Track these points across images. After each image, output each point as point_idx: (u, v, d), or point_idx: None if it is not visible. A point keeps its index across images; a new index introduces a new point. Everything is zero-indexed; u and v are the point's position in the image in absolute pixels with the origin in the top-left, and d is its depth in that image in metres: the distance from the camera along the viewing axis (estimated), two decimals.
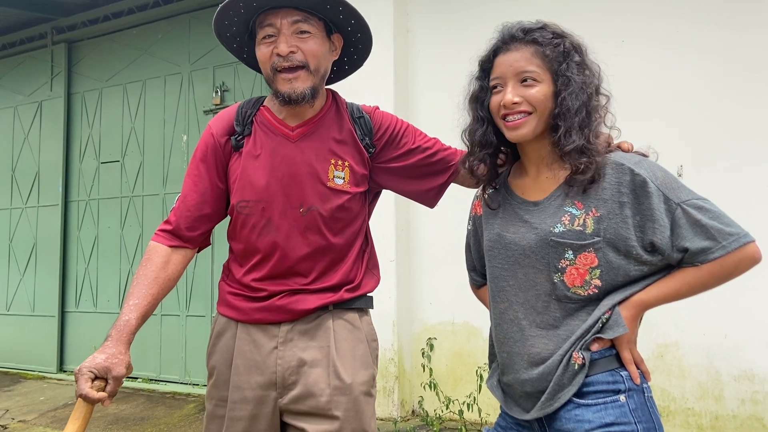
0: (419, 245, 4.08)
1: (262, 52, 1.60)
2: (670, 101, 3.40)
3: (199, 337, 4.99)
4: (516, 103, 1.36)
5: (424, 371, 3.92)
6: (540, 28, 1.39)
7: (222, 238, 1.96)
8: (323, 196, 1.63)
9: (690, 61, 3.38)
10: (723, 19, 3.32)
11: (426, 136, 1.77)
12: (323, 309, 1.65)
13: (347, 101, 1.77)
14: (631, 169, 1.30)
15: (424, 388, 3.87)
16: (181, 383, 5.02)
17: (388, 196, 1.97)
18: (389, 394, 3.89)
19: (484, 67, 1.47)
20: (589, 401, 1.29)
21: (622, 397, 1.29)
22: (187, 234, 1.66)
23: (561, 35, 1.39)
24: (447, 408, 3.80)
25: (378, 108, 1.78)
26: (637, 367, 1.32)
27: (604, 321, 1.30)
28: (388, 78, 4.02)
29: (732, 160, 3.25)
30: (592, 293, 1.32)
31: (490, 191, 1.52)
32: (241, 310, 1.66)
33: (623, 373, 1.31)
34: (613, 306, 1.31)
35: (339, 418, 1.57)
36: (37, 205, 6.00)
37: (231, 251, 1.74)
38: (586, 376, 1.30)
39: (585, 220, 1.32)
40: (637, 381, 1.31)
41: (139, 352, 4.90)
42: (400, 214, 4.00)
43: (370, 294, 1.75)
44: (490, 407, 3.67)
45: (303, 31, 1.57)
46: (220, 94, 5.07)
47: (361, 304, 1.71)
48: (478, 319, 3.72)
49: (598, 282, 1.31)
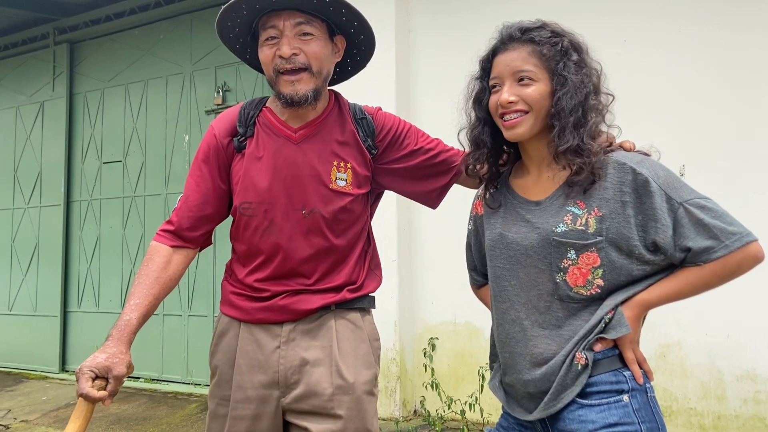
0: (421, 245, 4.08)
1: (264, 54, 1.60)
2: (672, 101, 3.40)
3: (200, 336, 5.00)
4: (512, 102, 1.36)
5: (426, 371, 3.92)
6: (538, 27, 1.38)
7: (223, 237, 1.96)
8: (325, 198, 1.63)
9: (691, 60, 3.38)
10: (724, 18, 3.32)
11: (428, 137, 1.77)
12: (325, 309, 1.65)
13: (350, 102, 1.76)
14: (633, 169, 1.29)
15: (426, 388, 3.87)
16: (183, 383, 5.03)
17: (390, 196, 1.97)
18: (391, 394, 3.89)
19: (484, 66, 1.47)
20: (593, 401, 1.29)
21: (626, 397, 1.28)
22: (189, 234, 1.67)
23: (560, 34, 1.38)
24: (449, 408, 3.80)
25: (380, 109, 1.77)
26: (640, 367, 1.32)
27: (607, 321, 1.30)
28: (389, 78, 4.02)
29: (734, 160, 3.25)
30: (594, 293, 1.32)
31: (491, 191, 1.52)
32: (243, 309, 1.67)
33: (626, 373, 1.31)
34: (616, 306, 1.31)
35: (342, 417, 1.57)
36: (39, 205, 6.01)
37: (234, 252, 1.74)
38: (589, 377, 1.29)
39: (587, 219, 1.31)
40: (641, 381, 1.30)
41: (141, 352, 4.90)
42: (402, 214, 4.00)
43: (372, 294, 1.75)
44: (492, 407, 3.67)
45: (306, 33, 1.57)
46: (221, 94, 5.08)
47: (363, 304, 1.72)
48: (480, 318, 3.71)
49: (600, 282, 1.31)
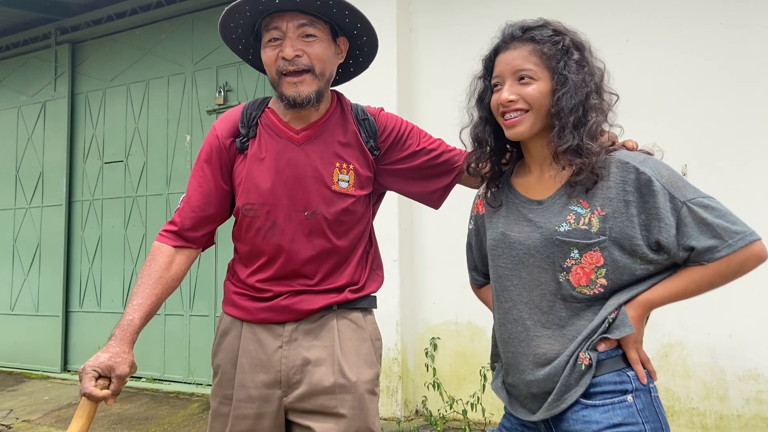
0: (422, 245, 4.08)
1: (267, 55, 1.60)
2: (674, 100, 3.40)
3: (202, 336, 5.00)
4: (512, 101, 1.36)
5: (428, 371, 3.92)
6: (540, 26, 1.38)
7: (226, 237, 1.96)
8: (328, 200, 1.63)
9: (694, 60, 3.37)
10: (728, 18, 3.31)
11: (431, 138, 1.77)
12: (327, 309, 1.66)
13: (352, 103, 1.76)
14: (636, 168, 1.29)
15: (428, 387, 3.87)
16: (185, 383, 5.03)
17: (392, 197, 1.97)
18: (393, 394, 3.88)
19: (486, 65, 1.47)
20: (597, 402, 1.28)
21: (630, 397, 1.28)
22: (191, 234, 1.67)
23: (561, 32, 1.37)
24: (450, 408, 3.80)
25: (383, 109, 1.77)
26: (644, 367, 1.32)
27: (611, 321, 1.30)
28: (391, 77, 4.01)
29: (737, 159, 3.24)
30: (597, 292, 1.31)
31: (493, 190, 1.51)
32: (246, 309, 1.67)
33: (630, 373, 1.30)
34: (620, 306, 1.30)
35: (345, 416, 1.57)
36: (41, 205, 6.01)
37: (236, 252, 1.74)
38: (593, 377, 1.29)
39: (590, 218, 1.31)
40: (644, 381, 1.30)
41: (143, 352, 4.90)
42: (404, 213, 4.00)
43: (374, 294, 1.75)
44: (494, 407, 3.67)
45: (309, 35, 1.57)
46: (223, 94, 5.08)
47: (365, 304, 1.72)
48: (482, 318, 3.71)
49: (603, 281, 1.31)
